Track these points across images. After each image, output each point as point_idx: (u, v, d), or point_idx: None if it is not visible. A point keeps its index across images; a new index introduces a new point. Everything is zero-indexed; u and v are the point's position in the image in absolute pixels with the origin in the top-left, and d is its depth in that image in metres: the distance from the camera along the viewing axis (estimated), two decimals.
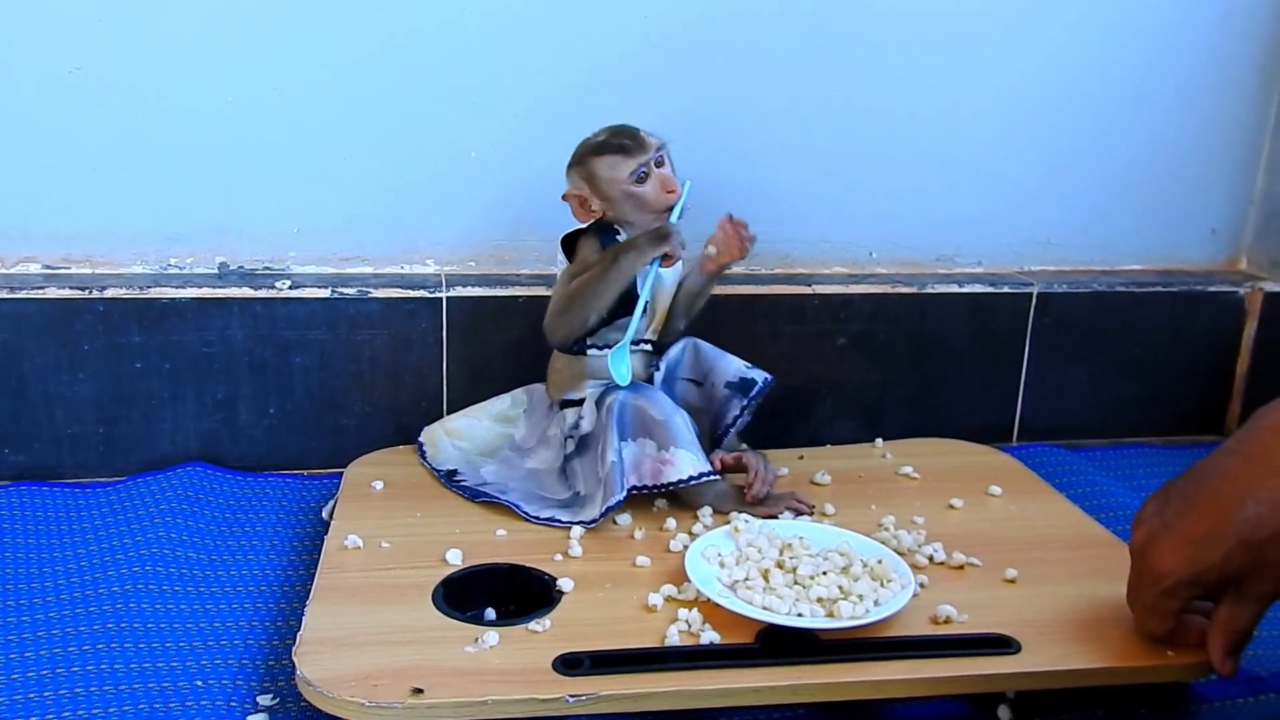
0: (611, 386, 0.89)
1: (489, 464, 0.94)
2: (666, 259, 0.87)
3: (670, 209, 0.88)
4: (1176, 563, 0.66)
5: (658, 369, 0.93)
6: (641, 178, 0.88)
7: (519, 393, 0.98)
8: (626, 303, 0.89)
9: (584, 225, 0.91)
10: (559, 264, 0.92)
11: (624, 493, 0.84)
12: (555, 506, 0.87)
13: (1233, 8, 1.14)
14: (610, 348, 0.89)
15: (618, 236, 0.90)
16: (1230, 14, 1.14)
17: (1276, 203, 1.19)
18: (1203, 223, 1.21)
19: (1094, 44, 1.12)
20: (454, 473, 0.93)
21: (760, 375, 0.91)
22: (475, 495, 0.89)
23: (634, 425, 0.87)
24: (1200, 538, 0.65)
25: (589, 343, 0.91)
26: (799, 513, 0.88)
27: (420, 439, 0.98)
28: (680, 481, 0.85)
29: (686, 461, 0.85)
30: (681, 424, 0.87)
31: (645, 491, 0.86)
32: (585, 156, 0.90)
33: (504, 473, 0.92)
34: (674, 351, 0.94)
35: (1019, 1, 1.10)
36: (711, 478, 0.86)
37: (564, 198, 0.91)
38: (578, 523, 0.84)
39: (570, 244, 0.91)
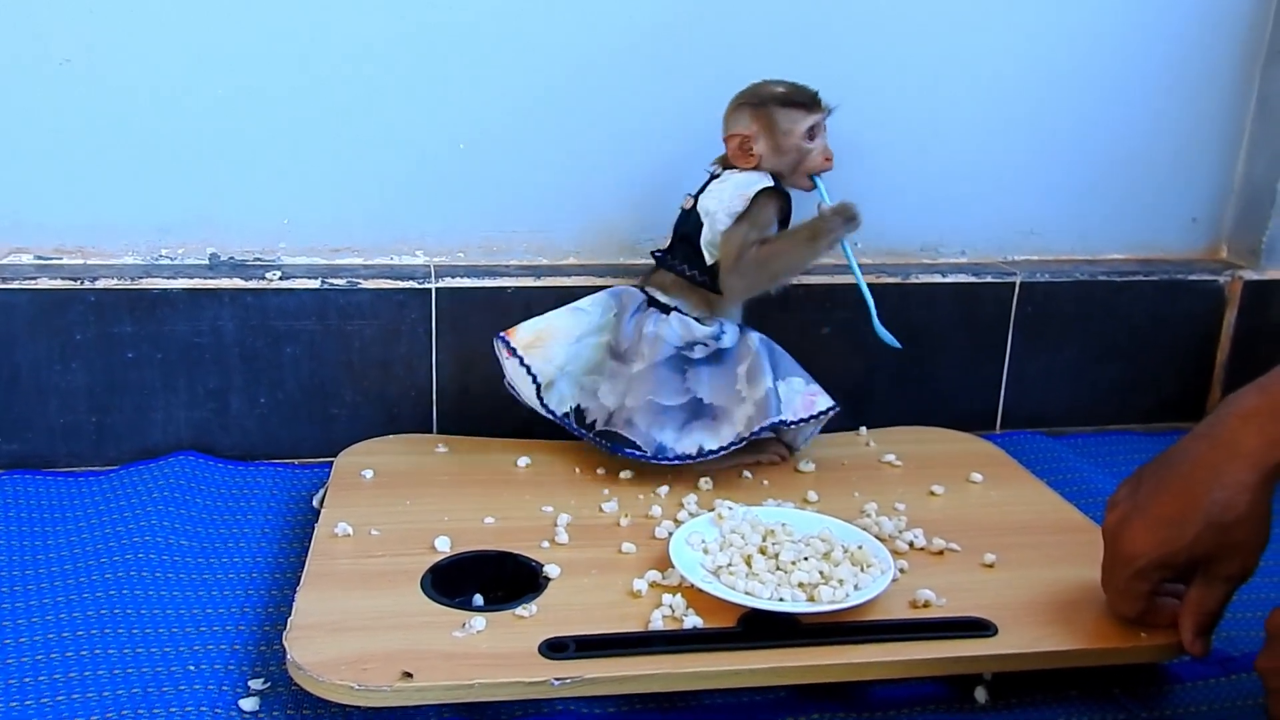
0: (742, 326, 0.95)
1: (602, 383, 0.92)
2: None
3: (818, 174, 0.94)
4: (1147, 545, 0.67)
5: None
6: (814, 135, 0.93)
7: (604, 298, 0.95)
8: None
9: (765, 186, 0.92)
10: (731, 212, 0.91)
11: (780, 416, 0.90)
12: (678, 422, 0.90)
13: (1210, 1, 1.15)
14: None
15: (790, 201, 0.94)
16: (1209, 5, 1.15)
17: (1256, 192, 1.20)
18: (1183, 212, 1.22)
19: (1075, 36, 1.13)
20: (581, 413, 0.92)
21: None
22: (617, 449, 0.90)
23: (781, 366, 0.94)
24: (1170, 521, 0.66)
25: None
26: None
27: (518, 347, 0.92)
28: (826, 411, 0.93)
29: (824, 395, 0.94)
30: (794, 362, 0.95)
31: (791, 425, 0.92)
32: (768, 102, 0.92)
33: (619, 390, 0.91)
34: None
35: None
36: (836, 410, 0.94)
37: (728, 137, 0.93)
38: (719, 450, 0.89)
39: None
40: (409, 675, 0.65)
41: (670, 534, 0.81)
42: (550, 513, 0.86)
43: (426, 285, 1.03)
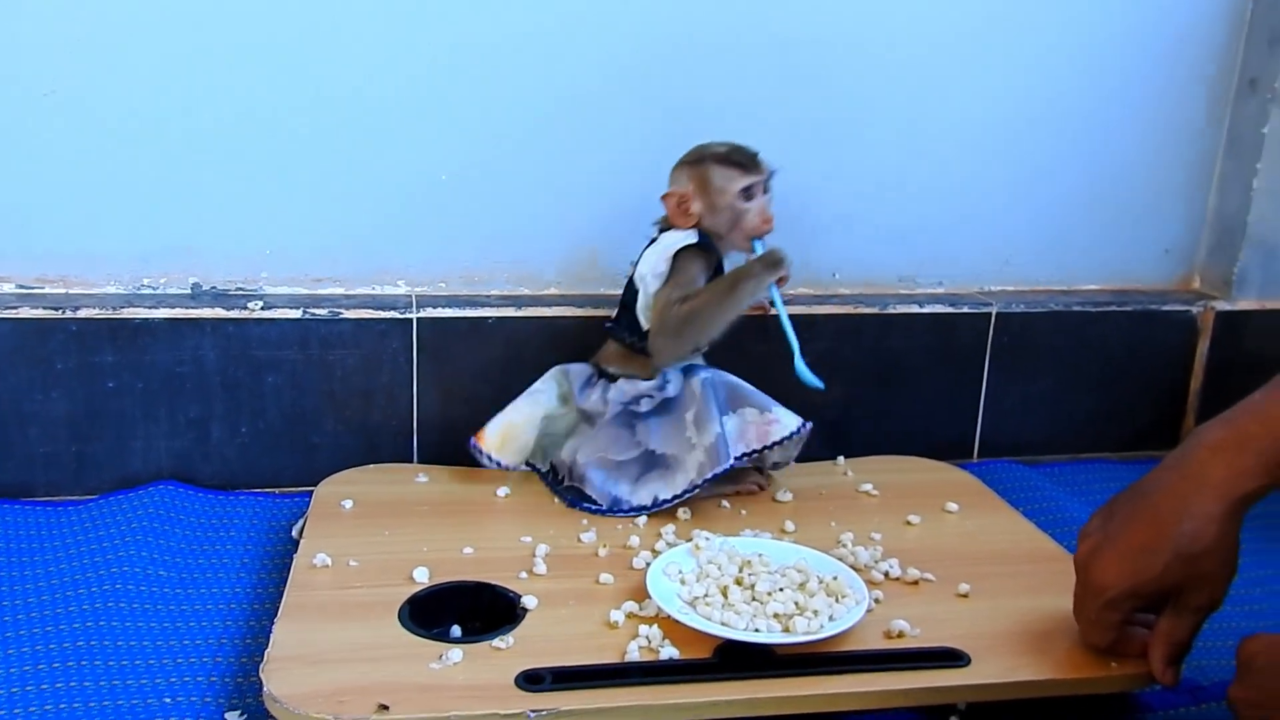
0: (690, 366, 0.95)
1: (569, 443, 0.95)
2: (781, 282, 0.92)
3: (758, 237, 0.93)
4: (1117, 576, 0.68)
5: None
6: (750, 195, 0.92)
7: (555, 373, 0.97)
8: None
9: (687, 244, 0.92)
10: (657, 273, 0.92)
11: (731, 461, 0.89)
12: (633, 475, 0.91)
13: (1184, 37, 1.17)
14: (699, 349, 0.95)
15: (719, 256, 0.93)
16: (1182, 42, 1.18)
17: (1228, 224, 1.22)
18: (1157, 244, 1.24)
19: (1051, 71, 1.16)
20: (554, 469, 0.96)
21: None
22: (575, 503, 0.92)
23: (729, 399, 0.92)
24: (1139, 551, 0.67)
25: None
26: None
27: (490, 452, 0.95)
28: (788, 436, 0.91)
29: (789, 417, 0.93)
30: (755, 389, 0.94)
31: (754, 456, 0.91)
32: (705, 160, 0.93)
33: (585, 448, 0.93)
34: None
35: (979, 30, 1.13)
36: (809, 427, 0.92)
37: (665, 196, 0.94)
38: (673, 498, 0.89)
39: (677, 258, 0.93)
40: (385, 708, 0.65)
41: (648, 564, 0.81)
42: (529, 543, 0.86)
43: (408, 315, 1.03)
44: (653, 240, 0.95)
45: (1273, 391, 0.67)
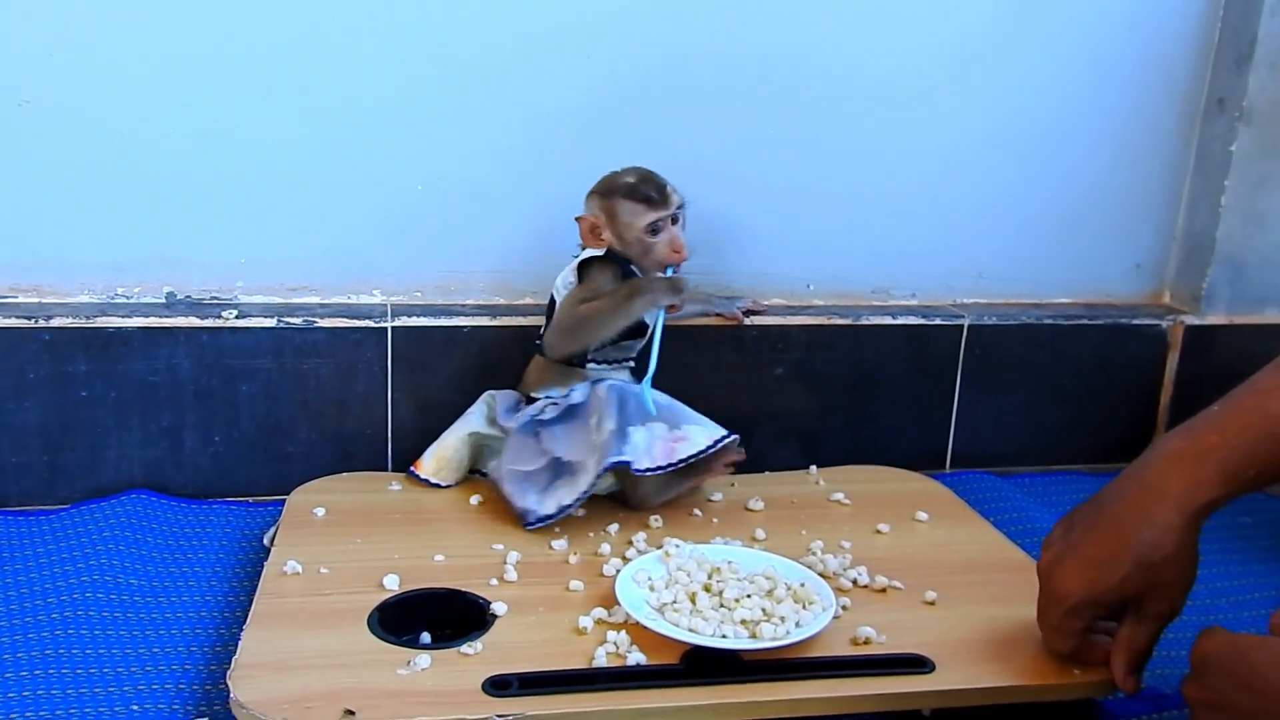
0: (602, 378, 0.95)
1: (495, 460, 0.96)
2: (673, 308, 0.94)
3: (673, 266, 0.94)
4: (1078, 584, 0.69)
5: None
6: (656, 230, 0.93)
7: (486, 397, 1.00)
8: (638, 329, 0.95)
9: (600, 253, 0.94)
10: (567, 284, 0.95)
11: (617, 458, 0.87)
12: (541, 484, 0.90)
13: (1154, 57, 1.19)
14: (610, 364, 0.95)
15: (634, 269, 0.94)
16: (1151, 62, 1.19)
17: (1197, 240, 1.24)
18: (1128, 258, 1.26)
19: (1023, 88, 1.17)
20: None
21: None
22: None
23: (640, 412, 0.91)
24: (1100, 560, 0.68)
25: (590, 355, 0.95)
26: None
27: (427, 477, 0.98)
28: (696, 454, 0.90)
29: (700, 435, 0.91)
30: (683, 406, 0.93)
31: (663, 470, 0.90)
32: (611, 194, 0.94)
33: (500, 461, 0.95)
34: None
35: (952, 50, 1.14)
36: (726, 441, 0.91)
37: (578, 219, 0.95)
38: (574, 501, 0.88)
39: (584, 268, 0.95)
40: (351, 713, 0.65)
41: (618, 571, 0.82)
42: (500, 550, 0.87)
43: (383, 324, 1.04)
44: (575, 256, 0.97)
45: (1230, 403, 0.69)
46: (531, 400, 0.97)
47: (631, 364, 0.98)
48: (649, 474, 0.89)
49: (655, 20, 1.07)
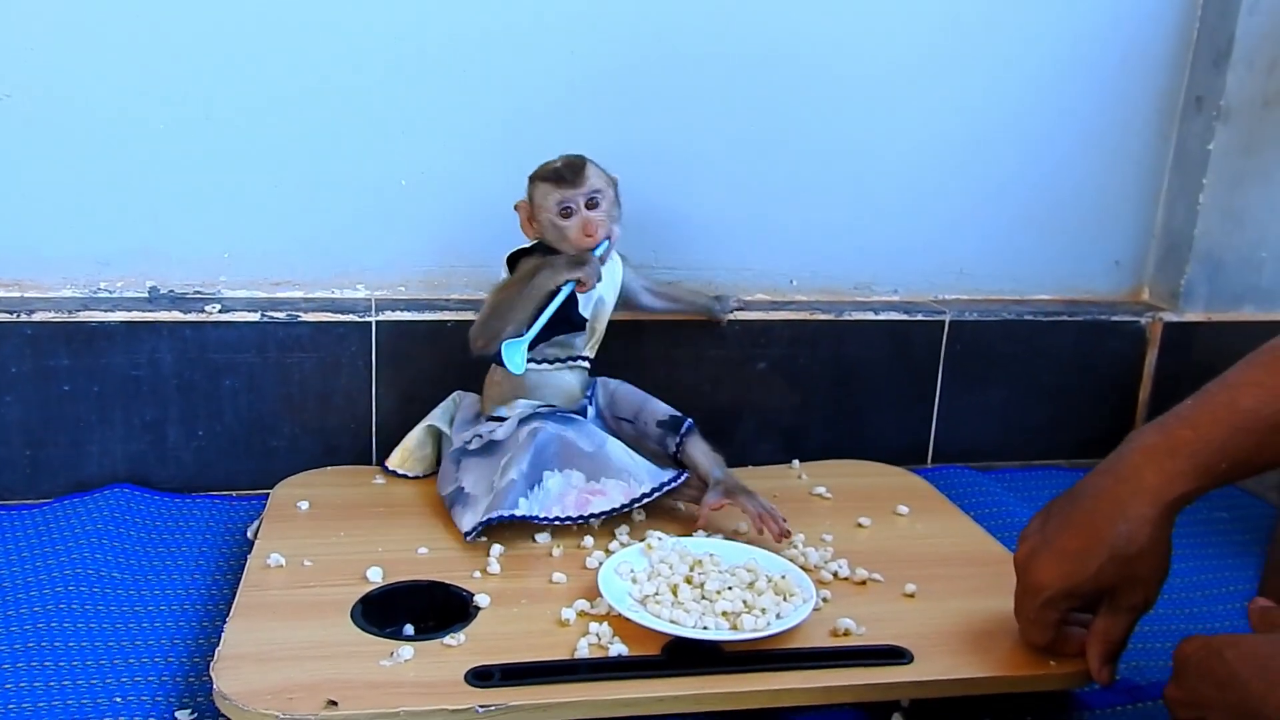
0: (540, 414, 0.92)
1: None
2: (580, 285, 0.91)
3: (587, 250, 0.92)
4: (1054, 576, 0.70)
5: (590, 401, 0.96)
6: (566, 212, 0.92)
7: (451, 397, 1.02)
8: (569, 322, 0.93)
9: (529, 245, 0.94)
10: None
11: (504, 512, 0.85)
12: (460, 503, 0.90)
13: (1132, 56, 1.20)
14: (551, 364, 0.94)
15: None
16: (1130, 61, 1.20)
17: (1176, 237, 1.25)
18: (1107, 255, 1.27)
19: (1004, 87, 1.18)
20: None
21: (684, 417, 0.94)
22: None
23: (561, 456, 0.90)
24: (1075, 553, 0.69)
25: (529, 356, 0.92)
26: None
27: (395, 468, 1.00)
28: (609, 511, 0.88)
29: (617, 491, 0.89)
30: (614, 452, 0.91)
31: (571, 523, 0.89)
32: (533, 177, 0.94)
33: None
34: (595, 391, 0.98)
35: (934, 48, 1.15)
36: (652, 497, 0.89)
37: (515, 207, 0.95)
38: (467, 534, 0.87)
39: (515, 261, 0.95)
40: (334, 704, 0.66)
41: (601, 564, 0.82)
42: (484, 543, 0.87)
43: (367, 318, 1.04)
44: None
45: (1202, 399, 0.69)
46: (482, 416, 0.97)
47: (583, 363, 0.97)
48: (558, 523, 0.88)
49: (639, 17, 1.08)
